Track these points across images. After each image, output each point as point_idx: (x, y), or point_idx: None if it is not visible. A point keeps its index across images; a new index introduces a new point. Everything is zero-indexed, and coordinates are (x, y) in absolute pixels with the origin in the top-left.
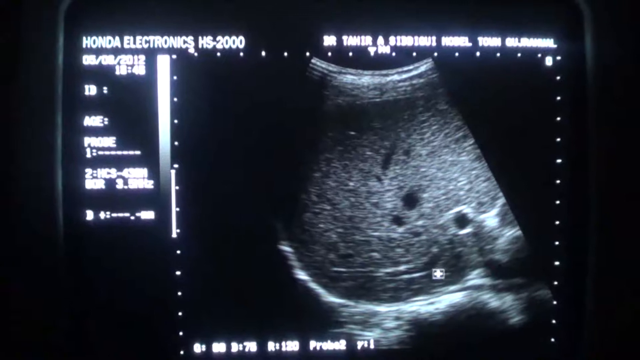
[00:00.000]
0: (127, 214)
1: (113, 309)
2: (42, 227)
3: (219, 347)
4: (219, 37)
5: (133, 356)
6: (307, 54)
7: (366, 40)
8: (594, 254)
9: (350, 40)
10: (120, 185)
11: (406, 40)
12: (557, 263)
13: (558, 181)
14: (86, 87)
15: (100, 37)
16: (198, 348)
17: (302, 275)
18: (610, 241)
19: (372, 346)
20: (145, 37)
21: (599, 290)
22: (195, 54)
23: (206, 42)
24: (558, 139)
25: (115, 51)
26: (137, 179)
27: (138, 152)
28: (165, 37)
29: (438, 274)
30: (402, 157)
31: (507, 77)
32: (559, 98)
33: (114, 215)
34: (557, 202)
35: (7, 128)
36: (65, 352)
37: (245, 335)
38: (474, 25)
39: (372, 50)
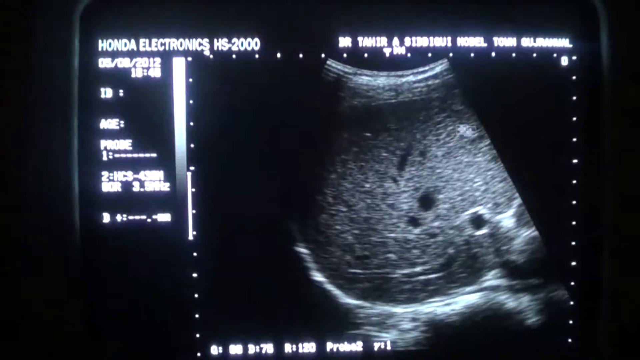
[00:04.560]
0: (143, 217)
1: (129, 311)
2: (59, 230)
3: (235, 349)
4: (234, 39)
5: (150, 358)
6: (323, 55)
7: (381, 41)
8: (610, 254)
9: (366, 42)
10: (136, 187)
11: (421, 41)
12: (573, 263)
13: (574, 181)
14: (102, 90)
15: (115, 40)
16: (215, 350)
17: (318, 276)
18: (626, 241)
19: (389, 347)
20: (161, 40)
21: (616, 291)
22: (211, 56)
23: (221, 44)
24: (574, 139)
25: (131, 54)
26: (154, 181)
27: (154, 155)
28: (181, 40)
29: None
30: (418, 158)
31: (523, 78)
32: (574, 98)
33: (131, 217)
34: (574, 202)
35: (24, 131)
36: (82, 354)
37: (261, 337)
38: (489, 25)
39: (387, 51)
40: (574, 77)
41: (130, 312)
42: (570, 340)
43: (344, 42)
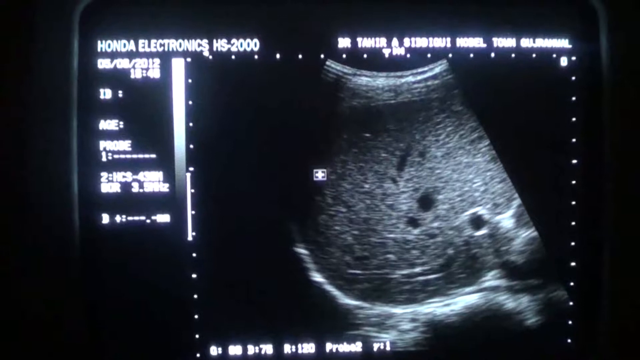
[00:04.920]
0: (142, 218)
1: (129, 312)
2: (59, 231)
3: (235, 350)
4: (233, 40)
5: (149, 358)
6: (322, 56)
7: (380, 41)
8: (610, 255)
9: (365, 42)
10: (135, 188)
11: (421, 42)
12: (573, 264)
13: (574, 182)
14: (101, 90)
15: (115, 41)
16: (214, 350)
17: (317, 277)
18: (626, 242)
19: (388, 348)
20: (160, 41)
21: (615, 291)
22: (210, 57)
23: (221, 45)
24: (573, 140)
25: (130, 55)
26: (153, 182)
27: (153, 156)
28: (180, 40)
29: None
30: (417, 159)
31: (522, 78)
32: (574, 98)
33: (130, 218)
34: (573, 202)
35: (23, 132)
36: (82, 354)
37: (261, 337)
38: (488, 26)
39: (386, 51)
40: (574, 78)
41: (130, 313)
42: (569, 340)
43: (343, 42)
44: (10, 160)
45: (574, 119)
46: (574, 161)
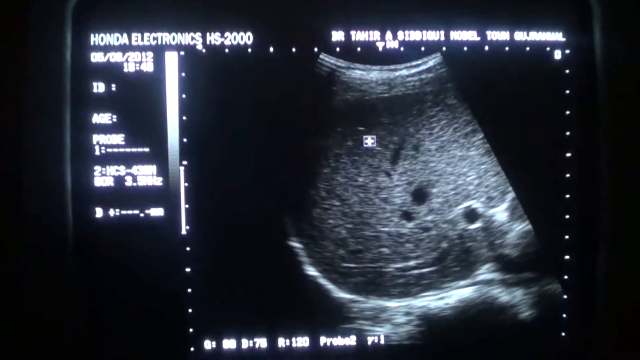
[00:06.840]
0: (136, 211)
1: (123, 306)
2: (52, 225)
3: (229, 344)
4: (226, 33)
5: (143, 353)
6: (316, 49)
7: (374, 35)
8: (604, 248)
9: (359, 36)
10: (129, 182)
11: (414, 35)
12: (567, 257)
13: (568, 175)
14: (94, 84)
15: (107, 34)
16: (208, 344)
17: (311, 271)
18: (620, 235)
19: (382, 342)
20: (153, 34)
21: (610, 284)
22: (203, 51)
23: (214, 38)
24: (567, 133)
25: (123, 48)
26: (146, 176)
27: (147, 149)
28: (173, 34)
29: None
30: (411, 152)
31: (516, 71)
32: (568, 92)
33: (123, 212)
34: (567, 196)
35: (16, 126)
36: (76, 349)
37: (255, 331)
38: (482, 19)
39: (380, 45)
40: (567, 71)
41: (123, 308)
42: (563, 334)
43: (337, 36)
44: (3, 154)
45: (568, 112)
46: (568, 154)
